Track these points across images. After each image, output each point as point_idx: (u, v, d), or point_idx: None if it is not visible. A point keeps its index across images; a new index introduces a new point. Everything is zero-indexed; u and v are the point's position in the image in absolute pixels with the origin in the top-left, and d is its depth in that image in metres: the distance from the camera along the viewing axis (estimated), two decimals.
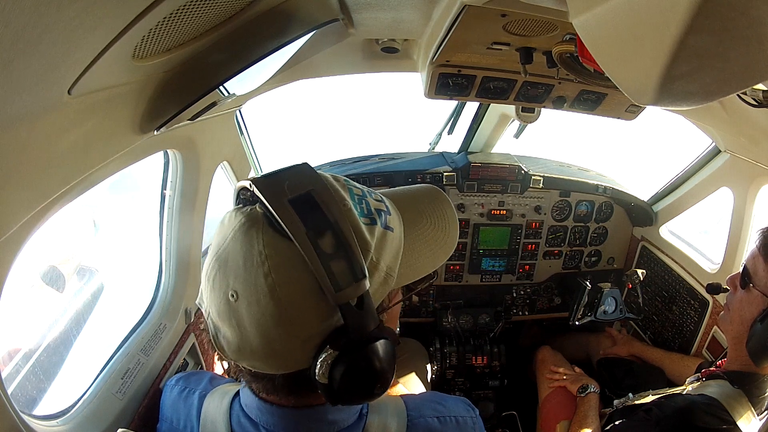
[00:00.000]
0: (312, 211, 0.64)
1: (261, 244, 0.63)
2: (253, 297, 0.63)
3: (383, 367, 0.65)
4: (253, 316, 0.63)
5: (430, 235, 0.83)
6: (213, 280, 0.66)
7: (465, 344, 2.59)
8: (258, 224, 0.64)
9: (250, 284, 0.63)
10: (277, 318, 0.63)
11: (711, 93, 0.56)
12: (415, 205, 0.85)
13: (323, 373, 0.63)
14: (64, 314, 1.35)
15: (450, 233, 0.86)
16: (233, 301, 0.64)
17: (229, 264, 0.65)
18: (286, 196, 0.64)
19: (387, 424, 0.82)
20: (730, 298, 1.52)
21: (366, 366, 0.64)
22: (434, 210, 0.86)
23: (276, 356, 0.66)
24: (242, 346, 0.66)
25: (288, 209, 0.63)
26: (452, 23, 1.11)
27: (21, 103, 0.59)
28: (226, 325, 0.66)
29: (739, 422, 1.39)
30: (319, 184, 0.67)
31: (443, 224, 0.85)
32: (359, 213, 0.70)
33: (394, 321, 0.84)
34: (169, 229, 1.46)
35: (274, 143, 3.85)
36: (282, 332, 0.64)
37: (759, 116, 1.33)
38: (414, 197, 0.88)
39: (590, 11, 0.61)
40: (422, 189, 0.92)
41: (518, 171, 2.40)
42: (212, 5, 0.76)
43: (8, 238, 0.73)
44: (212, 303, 0.67)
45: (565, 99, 1.67)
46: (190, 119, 1.07)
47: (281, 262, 0.63)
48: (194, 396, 0.94)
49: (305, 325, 0.64)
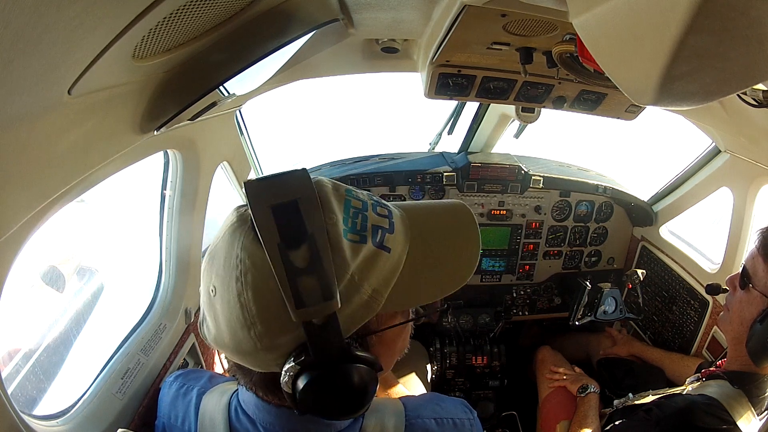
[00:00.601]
0: (291, 221, 0.61)
1: (239, 247, 0.64)
2: (225, 297, 0.64)
3: (347, 391, 0.63)
4: (224, 314, 0.65)
5: (441, 259, 0.74)
6: (204, 272, 0.69)
7: (465, 344, 2.59)
8: (243, 227, 0.65)
9: (225, 284, 0.64)
10: (242, 322, 0.63)
11: (711, 93, 0.56)
12: (430, 223, 0.77)
13: (286, 382, 0.63)
14: (64, 314, 1.35)
15: (465, 260, 0.76)
16: (212, 296, 0.67)
17: (215, 260, 0.67)
18: (269, 202, 0.62)
19: (384, 425, 0.82)
20: (729, 298, 1.52)
21: (328, 387, 0.62)
22: (455, 232, 0.78)
23: (245, 355, 0.67)
24: (218, 339, 0.69)
25: (267, 216, 0.61)
26: (452, 23, 1.11)
27: (21, 103, 0.59)
28: (208, 317, 0.69)
29: (739, 422, 1.39)
30: (307, 192, 0.64)
31: (460, 250, 0.76)
32: (348, 229, 0.66)
33: (389, 344, 0.77)
34: (169, 229, 1.46)
35: (274, 143, 3.85)
36: (246, 336, 0.64)
37: (759, 116, 1.33)
38: (434, 213, 0.80)
39: (590, 11, 0.61)
40: (446, 205, 0.84)
41: (518, 171, 2.40)
42: (212, 5, 0.76)
43: (8, 238, 0.73)
44: (202, 292, 0.70)
45: (565, 99, 1.67)
46: (190, 119, 1.07)
47: (252, 269, 0.62)
48: (192, 393, 0.94)
49: (268, 334, 0.63)
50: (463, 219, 0.80)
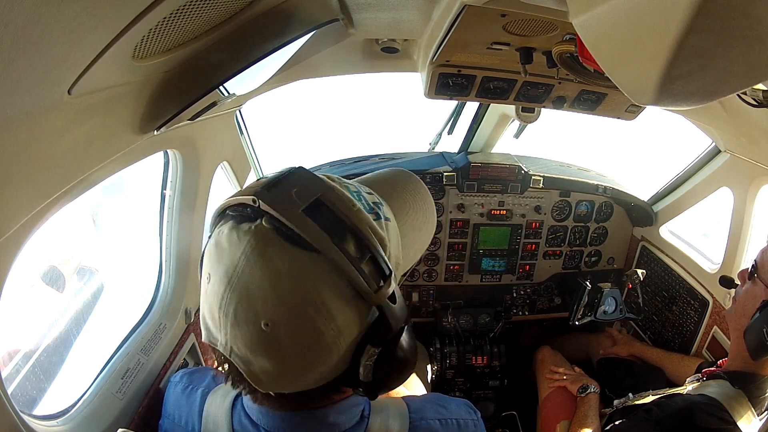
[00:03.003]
0: (328, 217, 0.62)
1: (285, 262, 0.60)
2: (293, 320, 0.60)
3: (415, 346, 0.70)
4: (296, 337, 0.61)
5: (416, 220, 0.83)
6: (234, 314, 0.61)
7: (465, 344, 2.58)
8: (273, 242, 0.60)
9: (286, 307, 0.60)
10: (319, 332, 0.61)
11: (711, 93, 0.56)
12: (396, 192, 0.84)
13: (368, 372, 0.65)
14: (64, 314, 1.35)
15: (430, 215, 0.87)
16: (268, 330, 0.60)
17: (253, 292, 0.60)
18: (298, 206, 0.61)
19: (389, 425, 0.82)
20: (738, 290, 1.53)
21: (404, 352, 0.67)
22: (414, 194, 0.86)
23: (314, 372, 0.65)
24: (283, 373, 0.64)
25: (306, 220, 0.60)
26: (452, 23, 1.11)
27: (21, 103, 0.59)
28: (261, 357, 0.62)
29: (739, 422, 1.40)
30: (324, 188, 0.65)
31: (423, 207, 0.86)
32: (366, 210, 0.68)
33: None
34: (169, 229, 1.46)
35: (274, 143, 3.85)
36: (325, 345, 0.62)
37: (759, 116, 1.33)
38: (391, 183, 0.87)
39: (590, 11, 0.61)
40: (396, 174, 0.91)
41: (518, 171, 2.40)
42: (212, 5, 0.76)
43: (8, 238, 0.73)
44: (237, 337, 0.62)
45: (565, 99, 1.67)
46: (190, 119, 1.07)
47: (310, 277, 0.60)
48: (197, 393, 0.94)
49: (349, 330, 0.63)
50: (410, 179, 0.89)
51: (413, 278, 2.58)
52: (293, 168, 0.69)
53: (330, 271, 0.60)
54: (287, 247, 0.60)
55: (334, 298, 0.61)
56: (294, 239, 0.60)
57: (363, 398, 0.83)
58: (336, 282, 0.61)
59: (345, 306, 0.62)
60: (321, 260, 0.60)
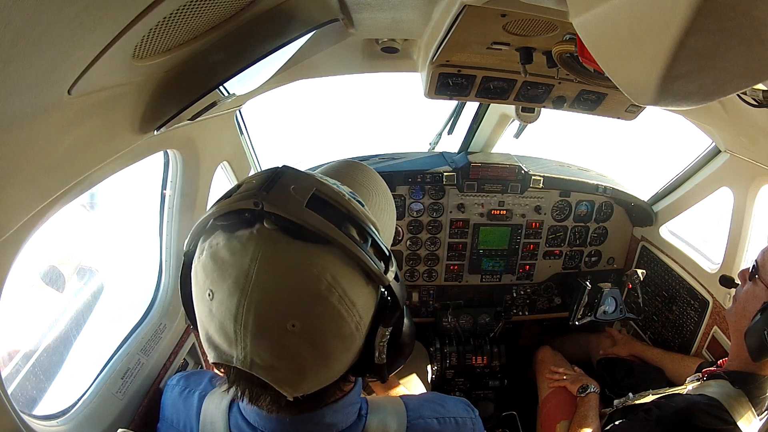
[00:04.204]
0: (329, 209, 0.64)
1: (300, 258, 0.60)
2: (320, 313, 0.61)
3: (413, 324, 0.76)
4: (323, 330, 0.62)
5: (379, 204, 0.88)
6: (254, 323, 0.60)
7: (465, 344, 2.59)
8: (280, 241, 0.60)
9: (312, 302, 0.60)
10: (344, 320, 0.63)
11: (711, 93, 0.56)
12: (354, 180, 0.88)
13: (381, 354, 0.68)
14: (64, 314, 1.35)
15: (389, 197, 0.94)
16: (295, 329, 0.60)
17: (273, 296, 0.59)
18: (301, 203, 0.62)
19: (386, 424, 0.82)
20: (738, 290, 1.53)
21: (408, 330, 0.73)
22: (370, 181, 0.91)
23: (340, 363, 0.67)
24: (310, 371, 0.64)
25: (312, 215, 0.61)
26: (452, 23, 1.11)
27: (21, 103, 0.59)
28: (287, 360, 0.62)
29: (740, 422, 1.40)
30: (315, 182, 0.67)
31: (380, 191, 0.91)
32: (354, 200, 0.70)
33: None
34: (169, 229, 1.46)
35: (274, 143, 3.85)
36: (350, 332, 0.64)
37: (759, 116, 1.33)
38: (347, 174, 0.91)
39: (590, 11, 0.61)
40: (348, 164, 0.96)
41: (518, 171, 2.40)
42: (212, 5, 0.76)
43: (8, 238, 0.73)
44: (259, 346, 0.61)
45: (565, 99, 1.67)
46: (190, 119, 1.07)
47: (327, 268, 0.61)
48: (194, 396, 0.94)
49: (366, 313, 0.66)
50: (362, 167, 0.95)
51: (413, 278, 2.58)
52: (280, 167, 0.70)
53: (343, 259, 0.62)
54: (296, 244, 0.61)
55: (352, 284, 0.63)
56: (300, 235, 0.61)
57: (360, 397, 0.83)
58: (350, 269, 0.63)
59: (361, 291, 0.64)
60: (333, 250, 0.62)
